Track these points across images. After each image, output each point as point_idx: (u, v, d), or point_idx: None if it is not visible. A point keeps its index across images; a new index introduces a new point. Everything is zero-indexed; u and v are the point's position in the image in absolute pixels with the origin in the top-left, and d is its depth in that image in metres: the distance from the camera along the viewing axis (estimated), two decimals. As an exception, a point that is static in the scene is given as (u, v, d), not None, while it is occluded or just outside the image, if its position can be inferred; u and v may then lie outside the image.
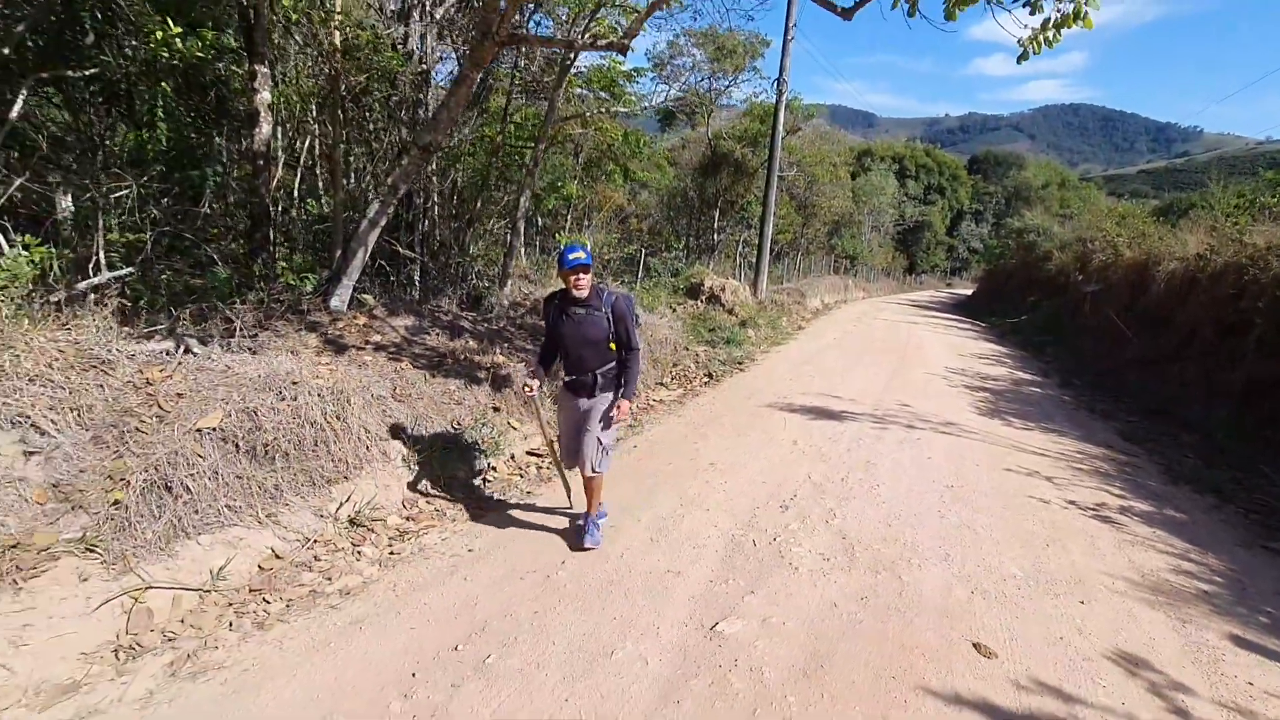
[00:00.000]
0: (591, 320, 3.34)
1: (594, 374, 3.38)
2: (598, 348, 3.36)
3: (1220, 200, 11.62)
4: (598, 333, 3.34)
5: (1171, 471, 5.53)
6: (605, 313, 3.35)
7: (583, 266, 3.26)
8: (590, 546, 3.42)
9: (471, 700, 2.26)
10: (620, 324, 3.37)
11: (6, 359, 3.19)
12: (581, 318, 3.35)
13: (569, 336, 3.39)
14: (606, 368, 3.40)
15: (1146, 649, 2.78)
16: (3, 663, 2.39)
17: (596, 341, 3.35)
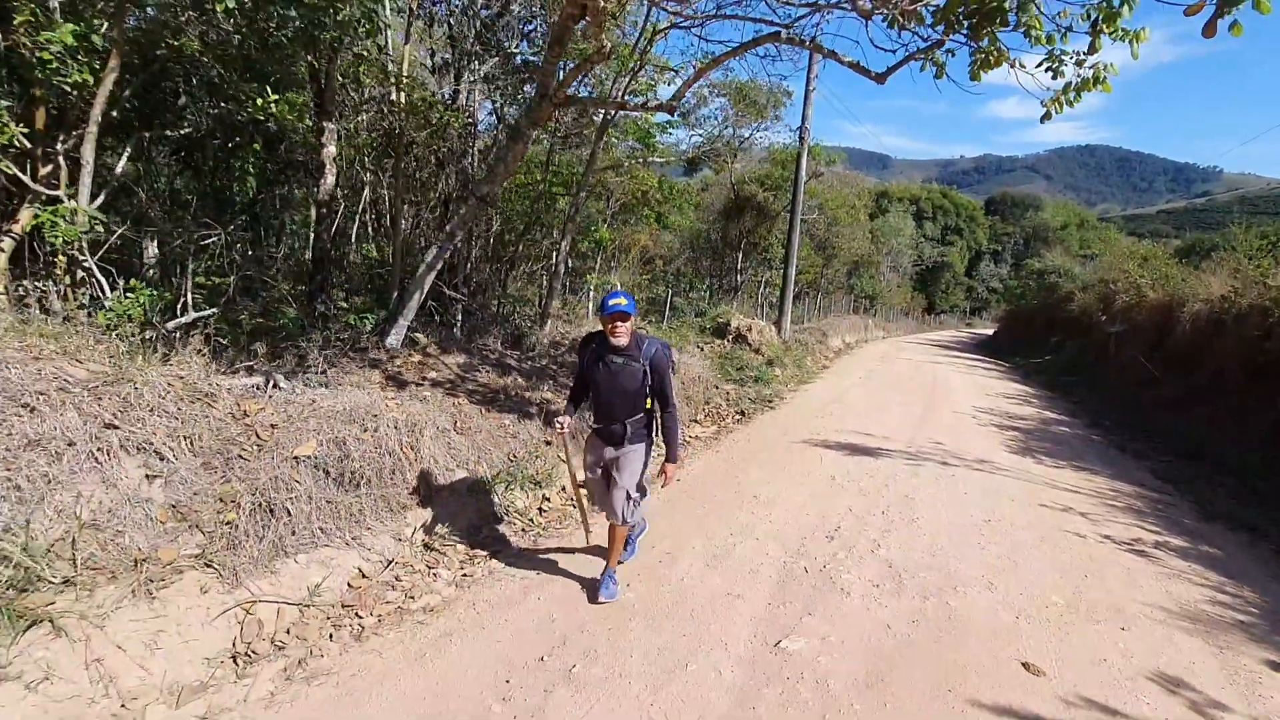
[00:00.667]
0: (628, 371, 3.24)
1: (624, 424, 3.31)
2: (631, 398, 3.27)
3: (1243, 242, 11.79)
4: (633, 384, 3.25)
5: (1205, 509, 5.64)
6: (643, 365, 3.24)
7: (622, 314, 3.17)
8: (605, 600, 3.29)
9: (565, 704, 2.49)
10: (658, 378, 3.27)
11: (130, 391, 3.55)
12: (619, 367, 3.25)
13: (603, 384, 3.29)
14: (636, 418, 3.32)
15: (1186, 671, 2.94)
16: (141, 664, 2.67)
17: (631, 392, 3.26)
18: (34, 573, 2.64)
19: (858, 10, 4.63)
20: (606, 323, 3.22)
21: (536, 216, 9.10)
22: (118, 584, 2.81)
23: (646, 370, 3.25)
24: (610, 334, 3.20)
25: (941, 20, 4.75)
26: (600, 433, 3.44)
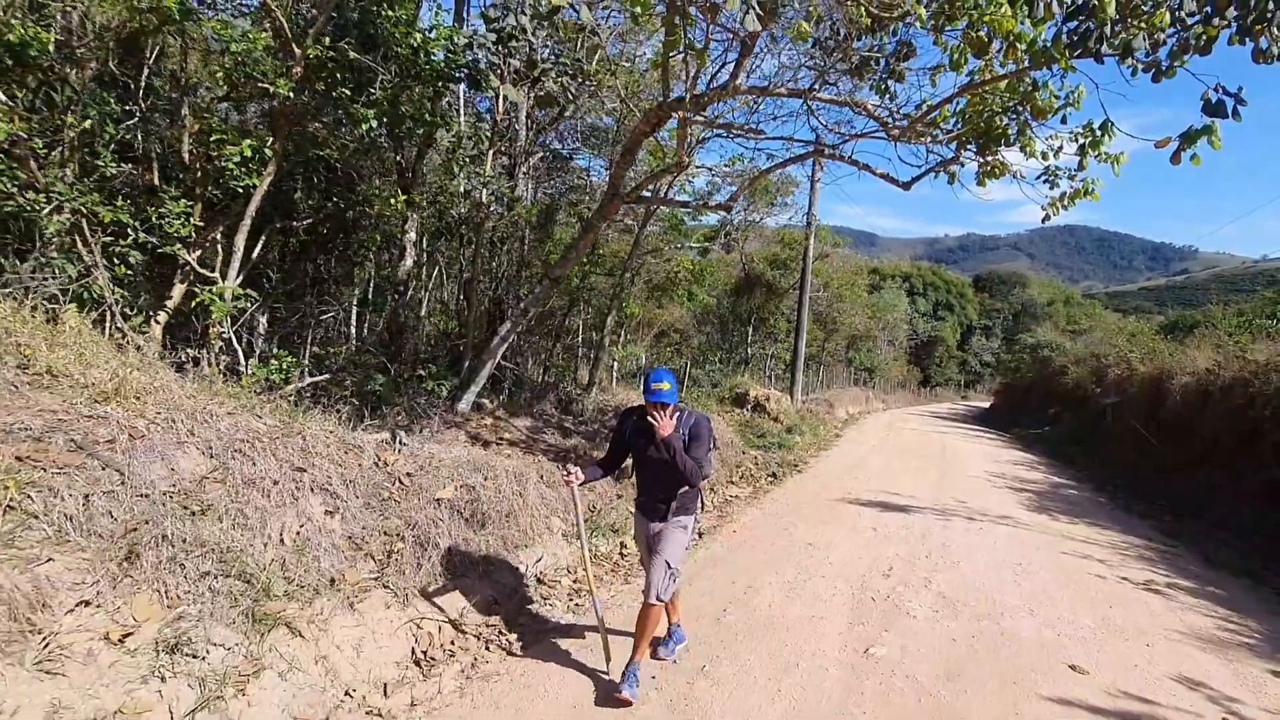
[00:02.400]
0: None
1: (665, 501, 3.25)
2: (675, 472, 3.14)
3: (1222, 320, 12.81)
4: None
5: (1209, 559, 6.26)
6: (684, 434, 3.17)
7: (662, 404, 3.08)
8: (627, 696, 2.99)
9: (706, 692, 3.08)
10: (695, 445, 3.18)
11: (301, 442, 4.23)
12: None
13: (647, 459, 3.25)
14: (683, 491, 3.25)
15: (1204, 676, 3.54)
16: (351, 663, 3.25)
17: (671, 467, 3.12)
18: (266, 587, 3.26)
19: (888, 134, 5.64)
20: (650, 407, 3.12)
21: (579, 295, 10.00)
22: (322, 598, 3.42)
23: (685, 438, 3.16)
24: (653, 418, 3.09)
25: (954, 140, 5.78)
26: (643, 506, 3.40)
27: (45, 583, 2.59)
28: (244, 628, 2.99)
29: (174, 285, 5.55)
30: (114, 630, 2.66)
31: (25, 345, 3.63)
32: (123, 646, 2.64)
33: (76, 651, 2.52)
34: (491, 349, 7.30)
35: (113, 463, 3.23)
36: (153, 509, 3.13)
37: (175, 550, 3.06)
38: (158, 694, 2.58)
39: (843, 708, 2.99)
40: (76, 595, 2.64)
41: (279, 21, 4.77)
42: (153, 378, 3.96)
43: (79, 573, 2.72)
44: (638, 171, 8.24)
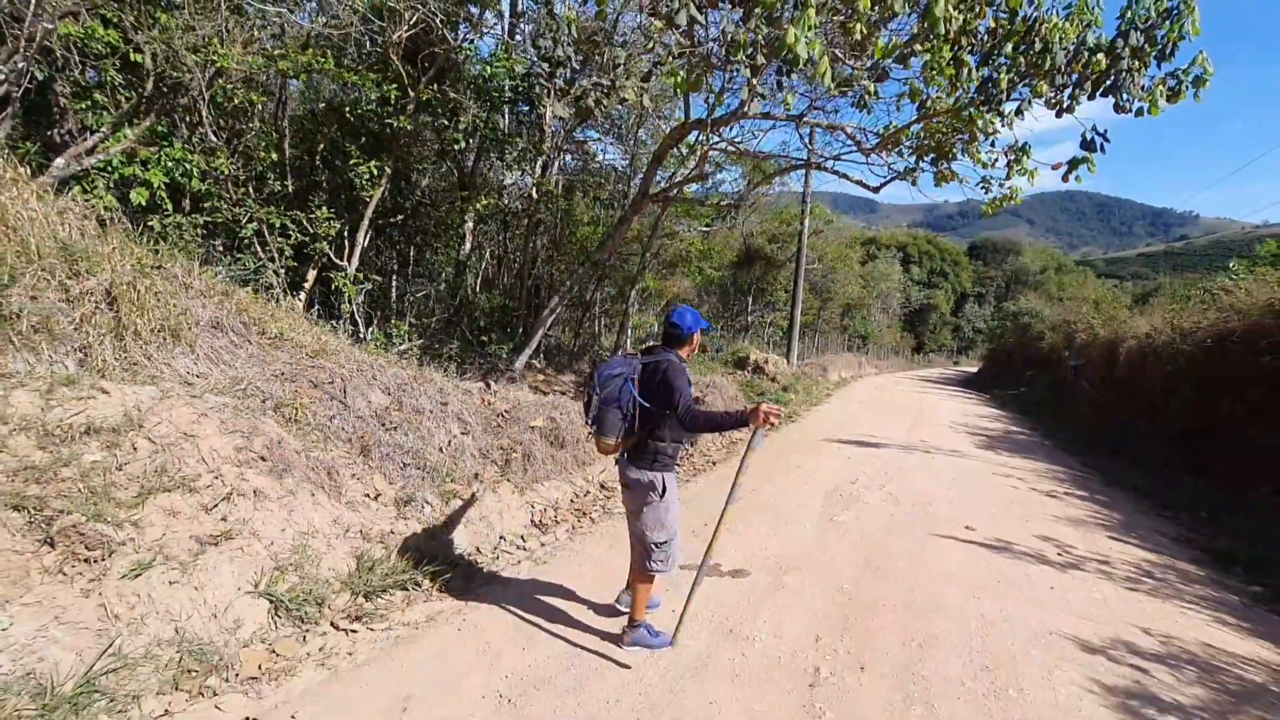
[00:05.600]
0: None
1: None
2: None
3: (1169, 290, 14.46)
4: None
5: (1110, 481, 8.06)
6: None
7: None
8: (630, 648, 3.14)
9: (727, 538, 4.84)
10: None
11: (432, 387, 5.94)
12: None
13: None
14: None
15: (1058, 536, 5.33)
16: (499, 522, 5.00)
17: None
18: (442, 474, 5.00)
19: (861, 151, 7.25)
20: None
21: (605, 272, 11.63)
22: (473, 485, 5.17)
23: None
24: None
25: (915, 154, 7.38)
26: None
27: (333, 463, 4.32)
28: (439, 496, 4.75)
29: (309, 271, 7.21)
30: (371, 492, 4.40)
31: (258, 319, 5.29)
32: (378, 501, 4.39)
33: (357, 501, 4.27)
34: (542, 319, 8.97)
35: (337, 396, 4.96)
36: (365, 425, 4.87)
37: (386, 450, 4.80)
38: (405, 524, 4.34)
39: (814, 542, 4.78)
40: (349, 472, 4.39)
41: (400, 73, 6.34)
42: (339, 341, 5.67)
43: (344, 458, 4.46)
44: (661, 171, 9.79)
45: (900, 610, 3.72)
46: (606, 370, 3.14)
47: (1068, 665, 3.21)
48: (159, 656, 2.66)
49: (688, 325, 3.13)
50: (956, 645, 3.33)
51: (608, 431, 3.12)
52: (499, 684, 2.85)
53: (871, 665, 3.08)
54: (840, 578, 4.17)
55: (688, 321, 3.14)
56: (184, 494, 3.23)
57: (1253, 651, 3.64)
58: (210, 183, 5.48)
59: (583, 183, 12.40)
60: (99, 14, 4.50)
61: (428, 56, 6.73)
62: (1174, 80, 5.57)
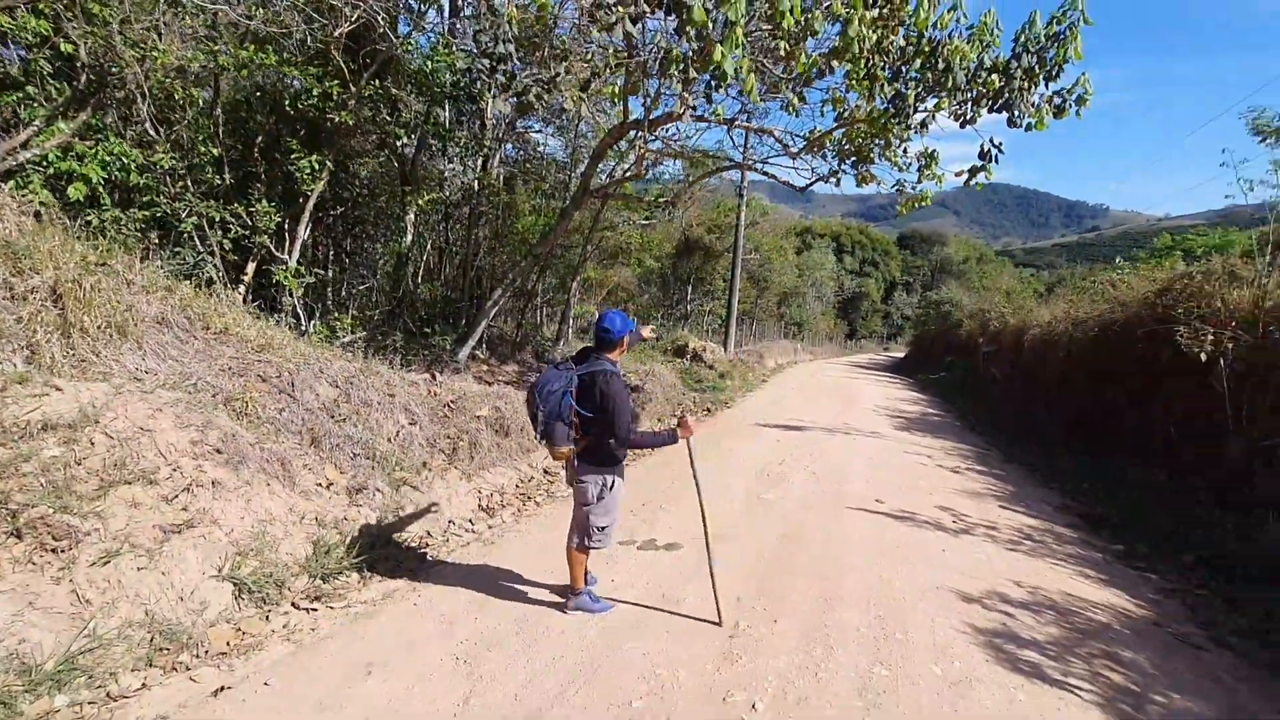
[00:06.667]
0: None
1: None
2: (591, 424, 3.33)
3: (1070, 282, 15.76)
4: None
5: (1009, 458, 8.93)
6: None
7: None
8: (574, 611, 3.52)
9: (663, 516, 5.26)
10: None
11: (378, 379, 6.11)
12: None
13: None
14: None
15: (956, 506, 5.99)
16: (447, 508, 5.26)
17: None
18: (392, 463, 5.22)
19: (788, 154, 7.75)
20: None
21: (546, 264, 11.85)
22: (423, 473, 5.41)
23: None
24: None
25: (838, 157, 7.93)
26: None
27: (285, 454, 4.49)
28: (389, 484, 4.98)
29: (249, 264, 7.19)
30: (323, 481, 4.61)
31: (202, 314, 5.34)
32: (330, 490, 4.60)
33: (311, 490, 4.46)
34: (485, 310, 9.16)
35: (285, 389, 5.11)
36: (315, 418, 5.05)
37: (336, 441, 5.00)
38: (358, 511, 4.56)
39: (741, 517, 5.27)
40: (301, 462, 4.57)
41: (342, 68, 6.41)
42: (283, 335, 5.77)
43: (296, 450, 4.64)
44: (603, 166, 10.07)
45: (811, 573, 4.23)
46: (545, 386, 3.30)
47: (948, 613, 3.77)
48: (131, 637, 2.86)
49: (618, 329, 3.32)
50: (857, 600, 3.85)
51: (558, 442, 3.32)
52: (454, 648, 3.17)
53: (783, 618, 3.55)
54: (762, 547, 4.65)
55: (618, 326, 3.33)
56: (144, 486, 3.39)
57: (1105, 599, 4.31)
58: (149, 177, 5.46)
59: (525, 174, 12.55)
60: (31, 5, 4.46)
61: (369, 52, 6.79)
62: (1059, 99, 6.25)
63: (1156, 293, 8.35)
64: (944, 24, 6.13)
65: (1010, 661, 3.27)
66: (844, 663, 3.13)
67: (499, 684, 2.88)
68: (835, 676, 3.01)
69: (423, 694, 2.79)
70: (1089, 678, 3.19)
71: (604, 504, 3.45)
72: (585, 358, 3.41)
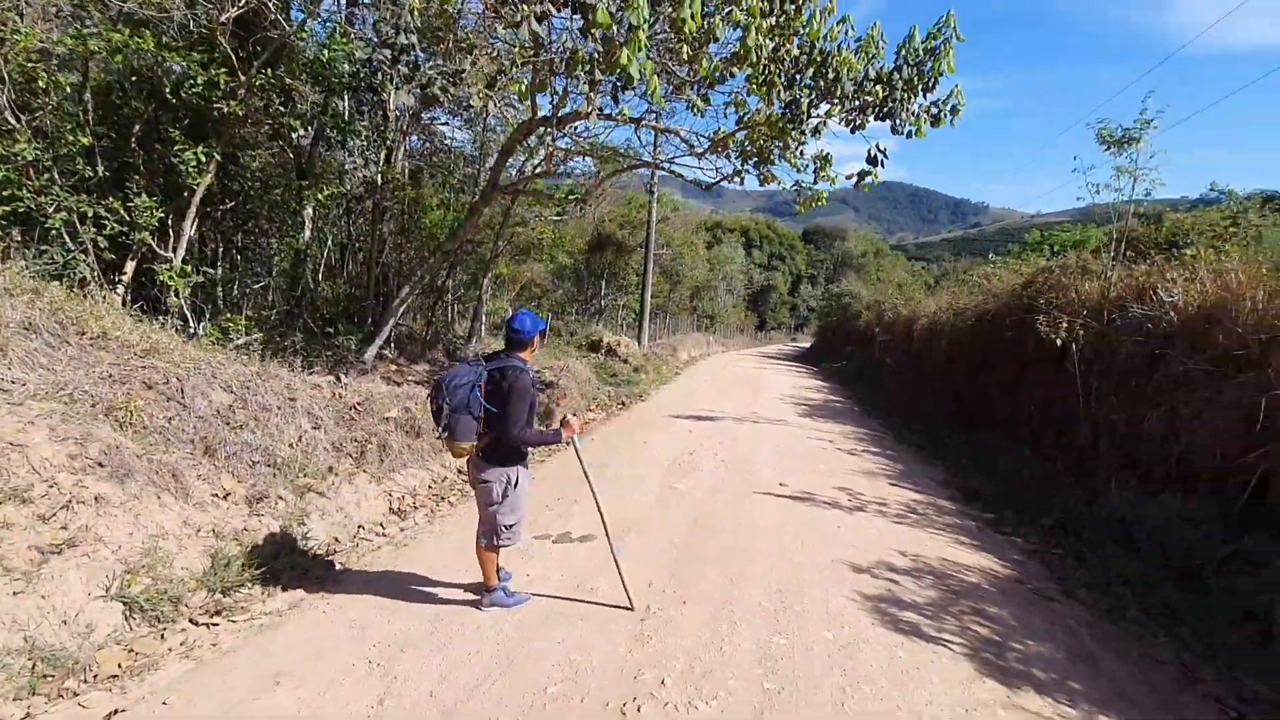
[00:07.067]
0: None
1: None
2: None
3: (953, 275, 17.06)
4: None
5: (900, 439, 9.63)
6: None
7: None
8: (489, 608, 3.56)
9: (579, 511, 5.37)
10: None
11: (278, 382, 5.87)
12: None
13: None
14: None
15: (852, 486, 6.45)
16: (356, 512, 5.15)
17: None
18: (295, 469, 5.05)
19: (694, 154, 8.01)
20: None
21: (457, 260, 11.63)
22: (329, 478, 5.26)
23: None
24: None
25: (740, 158, 8.26)
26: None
27: (176, 465, 4.28)
28: (293, 491, 4.82)
29: (128, 263, 6.68)
30: (220, 491, 4.42)
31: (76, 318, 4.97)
32: (228, 500, 4.41)
33: (206, 501, 4.28)
34: (392, 308, 8.92)
35: (174, 396, 4.85)
36: (208, 425, 4.82)
37: (233, 449, 4.79)
38: (259, 521, 4.40)
39: (654, 507, 5.47)
40: (195, 473, 4.36)
41: (229, 55, 6.07)
42: (170, 339, 5.44)
43: (188, 460, 4.42)
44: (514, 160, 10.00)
45: (719, 556, 4.47)
46: (453, 380, 3.31)
47: (841, 584, 4.10)
48: (10, 665, 2.68)
49: (528, 330, 3.39)
50: (759, 578, 4.11)
51: (461, 437, 3.31)
52: (367, 652, 3.16)
53: (692, 600, 3.76)
54: (673, 534, 4.86)
55: (528, 326, 3.39)
56: (16, 505, 3.16)
57: (976, 562, 4.80)
58: (9, 169, 4.99)
59: (432, 167, 12.24)
60: None
61: (260, 40, 6.45)
62: (936, 109, 6.79)
63: (1022, 285, 9.24)
64: (834, 36, 6.53)
65: (893, 623, 3.61)
66: (747, 636, 3.37)
67: (414, 683, 2.91)
68: (738, 649, 3.24)
69: (335, 699, 2.78)
70: (959, 632, 3.58)
71: (510, 501, 3.47)
72: (496, 358, 3.45)
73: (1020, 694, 3.04)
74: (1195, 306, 5.95)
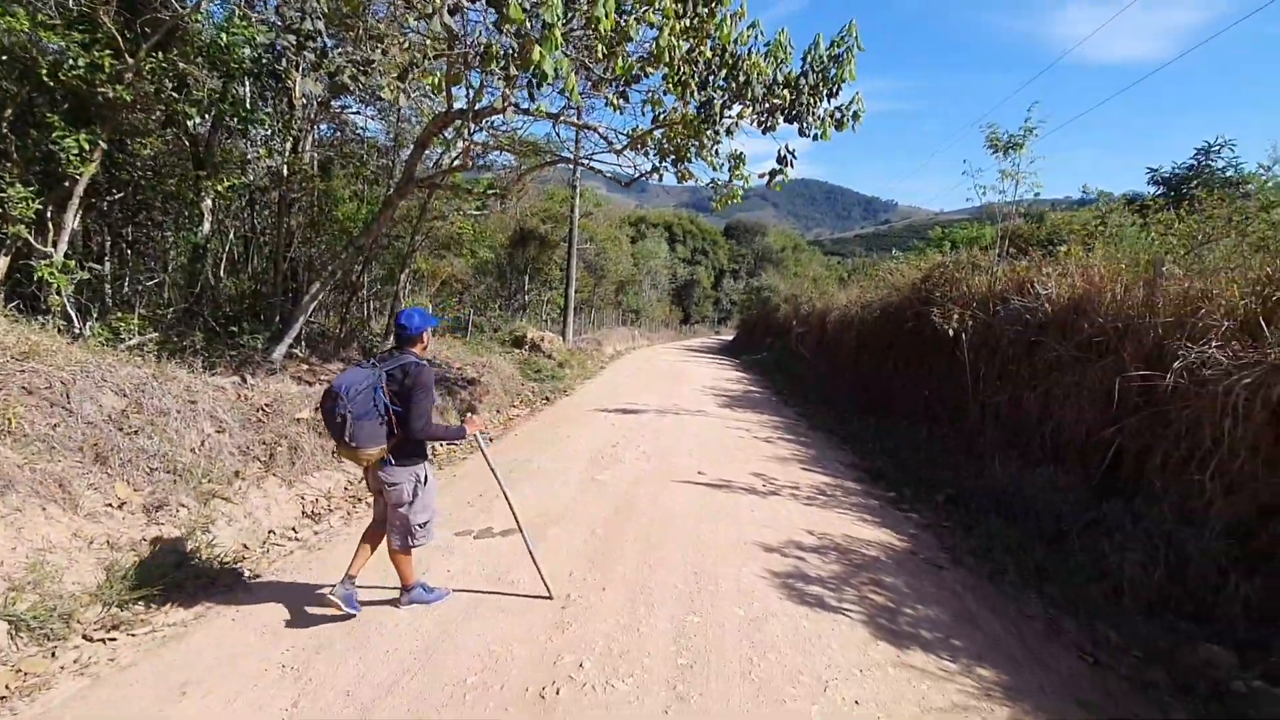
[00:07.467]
0: None
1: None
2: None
3: (862, 270, 17.96)
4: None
5: (814, 426, 10.12)
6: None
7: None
8: (408, 604, 3.58)
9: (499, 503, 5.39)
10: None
11: (185, 385, 5.58)
12: None
13: None
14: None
15: (766, 471, 6.77)
16: (267, 517, 4.98)
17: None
18: (198, 475, 4.84)
19: (613, 151, 8.11)
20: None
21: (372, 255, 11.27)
22: (236, 483, 5.06)
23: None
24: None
25: (658, 155, 8.43)
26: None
27: (63, 474, 4.04)
28: (196, 498, 4.62)
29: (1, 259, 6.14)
30: (114, 501, 4.20)
31: (-61, 318, 4.57)
32: (123, 510, 4.20)
33: (99, 511, 4.06)
34: (303, 305, 8.57)
35: (58, 401, 4.56)
36: (99, 431, 4.56)
37: (128, 456, 4.56)
38: (159, 530, 4.20)
39: (576, 499, 5.57)
40: (85, 482, 4.13)
41: (115, 36, 5.68)
42: (52, 340, 5.08)
43: (76, 468, 4.18)
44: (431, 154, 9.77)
45: (638, 543, 4.62)
46: (350, 386, 3.19)
47: (752, 563, 4.34)
48: (-126, 693, 2.49)
49: (415, 325, 3.36)
50: (676, 562, 4.29)
51: (368, 443, 3.20)
52: (280, 656, 3.11)
53: (611, 586, 3.89)
54: (594, 524, 4.98)
55: (415, 322, 3.36)
56: (-124, 523, 2.91)
57: (876, 537, 5.16)
58: None
59: (343, 157, 11.77)
60: None
61: (150, 20, 6.05)
62: (839, 113, 7.16)
63: (921, 279, 9.88)
64: (744, 40, 6.78)
65: (799, 596, 3.87)
66: (663, 617, 3.53)
67: (329, 684, 2.90)
68: (654, 629, 3.39)
69: (246, 704, 2.74)
70: (858, 601, 3.88)
71: (421, 499, 3.43)
72: (390, 357, 3.39)
73: (909, 653, 3.34)
74: (1066, 299, 6.57)
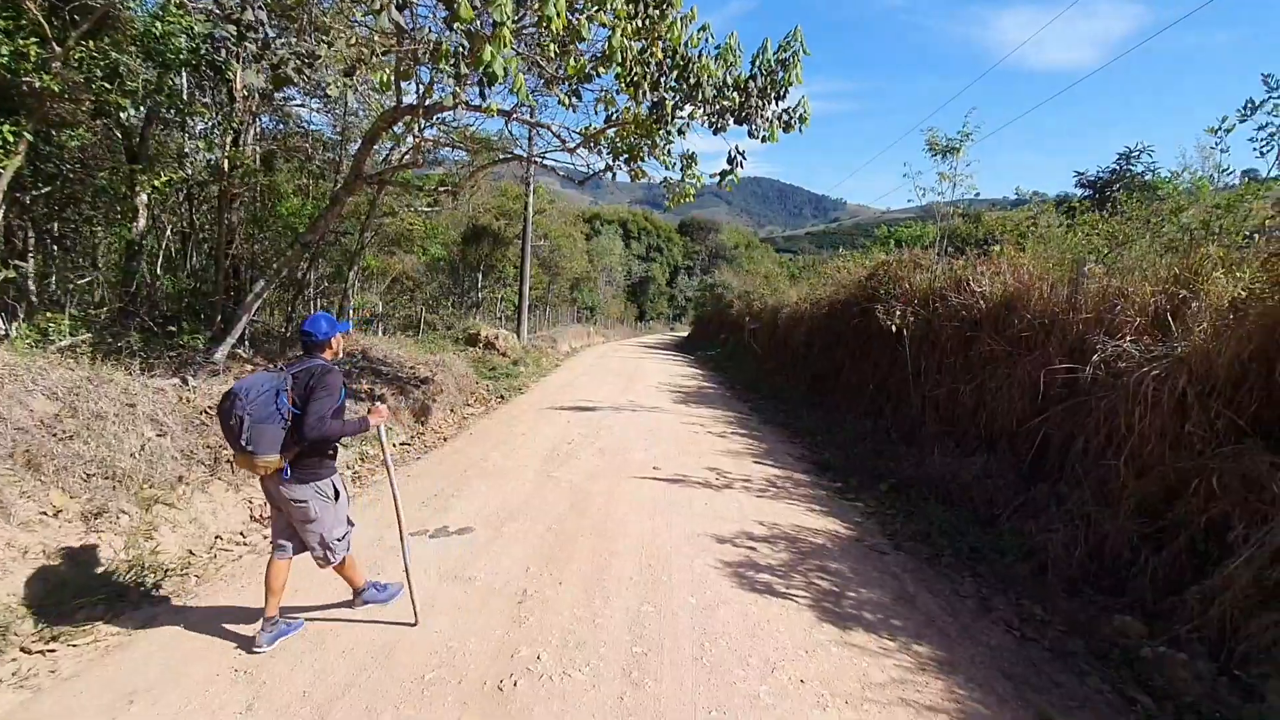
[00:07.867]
0: None
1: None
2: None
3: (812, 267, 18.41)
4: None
5: (765, 420, 10.37)
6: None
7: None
8: (368, 602, 3.57)
9: (457, 503, 5.40)
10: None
11: (123, 388, 5.39)
12: None
13: None
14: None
15: (720, 465, 6.93)
16: (213, 521, 4.87)
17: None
18: (139, 481, 4.70)
19: (566, 149, 8.14)
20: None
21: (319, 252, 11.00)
22: (180, 488, 4.93)
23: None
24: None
25: (611, 154, 8.50)
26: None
27: (-8, 481, 3.88)
28: (137, 504, 4.49)
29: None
30: (48, 509, 4.05)
31: None
32: (59, 518, 4.06)
33: (32, 520, 3.91)
34: (246, 304, 8.31)
35: (-16, 407, 4.34)
36: (30, 437, 4.39)
37: (62, 462, 4.39)
38: (98, 538, 4.08)
39: (532, 495, 5.61)
40: (17, 490, 3.97)
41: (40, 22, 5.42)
42: (-25, 342, 4.83)
43: (7, 476, 4.02)
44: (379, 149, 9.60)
45: (593, 537, 4.70)
46: (250, 389, 3.02)
47: (705, 554, 4.48)
48: None
49: (322, 332, 3.21)
50: (631, 554, 4.39)
51: (268, 449, 3.02)
52: (232, 661, 3.08)
53: (567, 580, 3.96)
54: (550, 520, 5.03)
55: (322, 329, 3.22)
56: None
57: (823, 525, 5.37)
58: None
59: (288, 151, 11.45)
60: None
61: (79, 8, 5.79)
62: (787, 116, 7.35)
63: (866, 277, 10.22)
64: (695, 43, 6.90)
65: (749, 584, 4.02)
66: (618, 607, 3.62)
67: (285, 685, 2.89)
68: (610, 620, 3.48)
69: (199, 709, 2.71)
70: (805, 587, 4.05)
71: (333, 515, 3.28)
72: (298, 362, 3.24)
73: (852, 633, 3.52)
74: (999, 296, 6.93)
